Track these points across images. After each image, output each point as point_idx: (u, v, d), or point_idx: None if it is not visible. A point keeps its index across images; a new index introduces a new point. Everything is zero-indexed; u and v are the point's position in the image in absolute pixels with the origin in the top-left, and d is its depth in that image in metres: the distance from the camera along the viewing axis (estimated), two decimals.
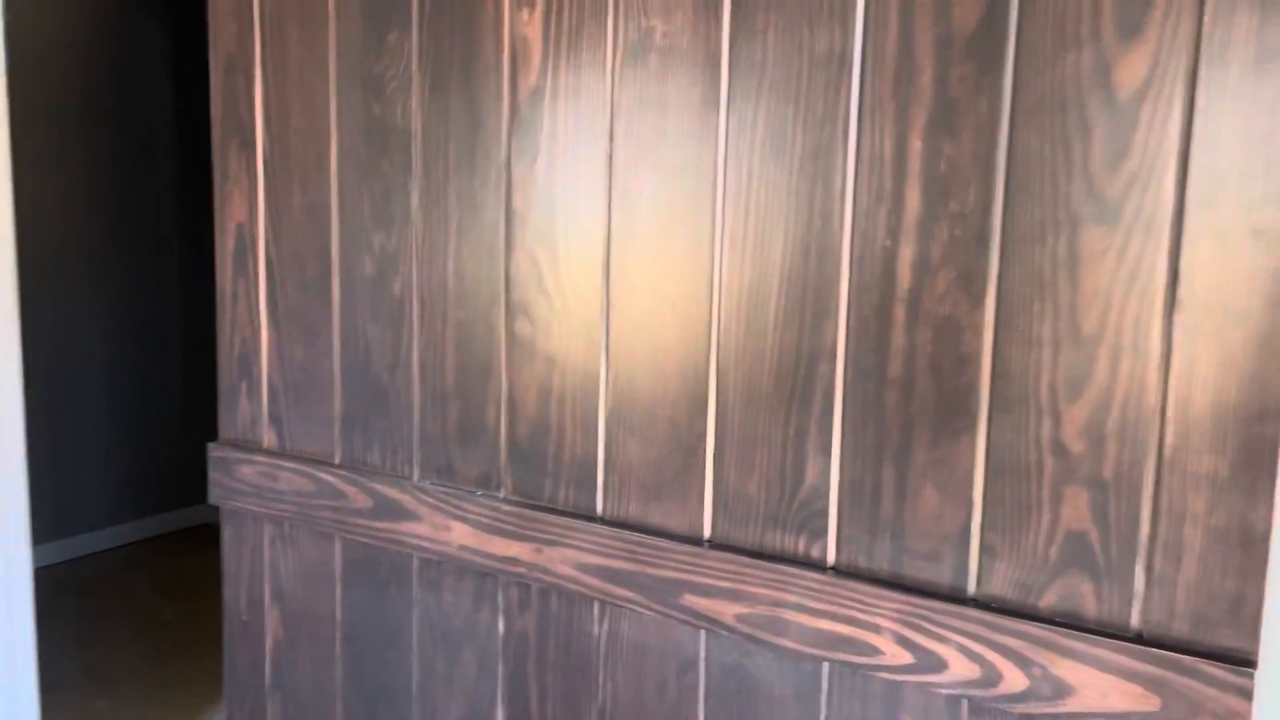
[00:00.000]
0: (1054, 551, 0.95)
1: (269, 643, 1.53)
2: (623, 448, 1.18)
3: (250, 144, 1.44)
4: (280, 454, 1.46)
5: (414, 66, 1.27)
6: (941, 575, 1.01)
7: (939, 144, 0.96)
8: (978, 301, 0.96)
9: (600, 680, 1.23)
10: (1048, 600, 0.96)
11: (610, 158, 1.15)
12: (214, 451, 1.52)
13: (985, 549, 0.98)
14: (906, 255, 0.99)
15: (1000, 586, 0.98)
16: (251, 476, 1.48)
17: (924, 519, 1.01)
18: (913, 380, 1.00)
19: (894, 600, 1.02)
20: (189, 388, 4.19)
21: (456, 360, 1.29)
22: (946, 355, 0.98)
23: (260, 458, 1.47)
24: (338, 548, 1.43)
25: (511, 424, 1.26)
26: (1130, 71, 0.87)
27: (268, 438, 1.48)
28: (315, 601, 1.47)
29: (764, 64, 1.04)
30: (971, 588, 0.99)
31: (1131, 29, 0.87)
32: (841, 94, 1.01)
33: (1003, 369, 0.95)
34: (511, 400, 1.26)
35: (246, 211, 1.46)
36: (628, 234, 1.15)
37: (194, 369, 4.18)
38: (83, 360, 3.99)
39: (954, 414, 0.98)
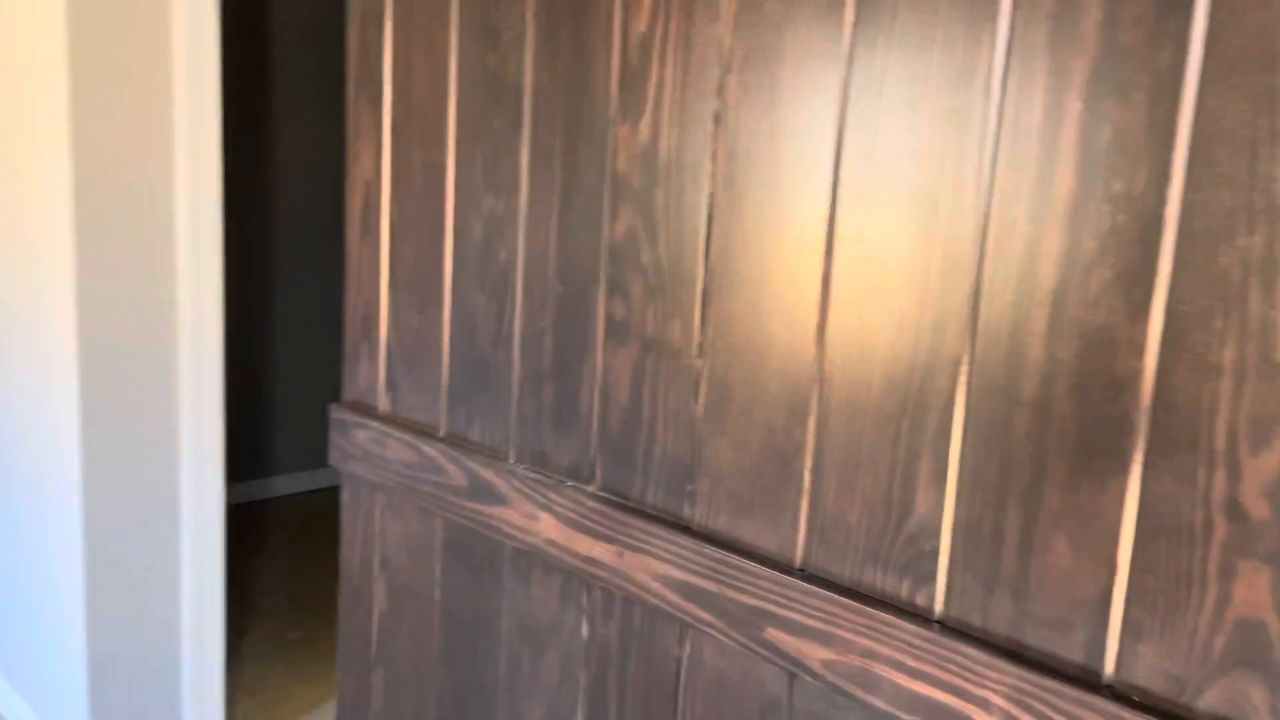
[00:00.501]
0: (1219, 641, 0.73)
1: (376, 612, 1.49)
2: (714, 450, 1.03)
3: (379, 99, 1.39)
4: (391, 421, 1.41)
5: (528, 15, 1.16)
6: (1071, 651, 0.80)
7: (1103, 106, 0.75)
8: (1140, 310, 0.74)
9: (679, 708, 1.10)
10: (1207, 701, 0.74)
11: (718, 116, 1.00)
12: (334, 413, 1.49)
13: (1129, 626, 0.77)
14: (1052, 246, 0.78)
15: (1145, 676, 0.76)
16: (364, 441, 1.44)
17: (1054, 578, 0.81)
18: (1051, 404, 0.80)
19: (1009, 673, 0.82)
20: None
21: (555, 338, 1.18)
22: (1096, 376, 0.77)
23: (374, 423, 1.42)
24: (438, 525, 1.37)
25: (604, 412, 1.14)
26: None
27: (382, 403, 1.44)
28: (417, 577, 1.41)
29: (895, 9, 0.86)
30: (1108, 671, 0.79)
31: None
32: (984, 42, 0.81)
33: (1168, 400, 0.73)
34: (605, 386, 1.13)
35: (373, 170, 1.41)
36: (731, 205, 0.99)
37: None
38: (286, 321, 4.21)
39: (1100, 451, 0.77)
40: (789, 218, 0.95)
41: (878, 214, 0.89)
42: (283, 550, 3.74)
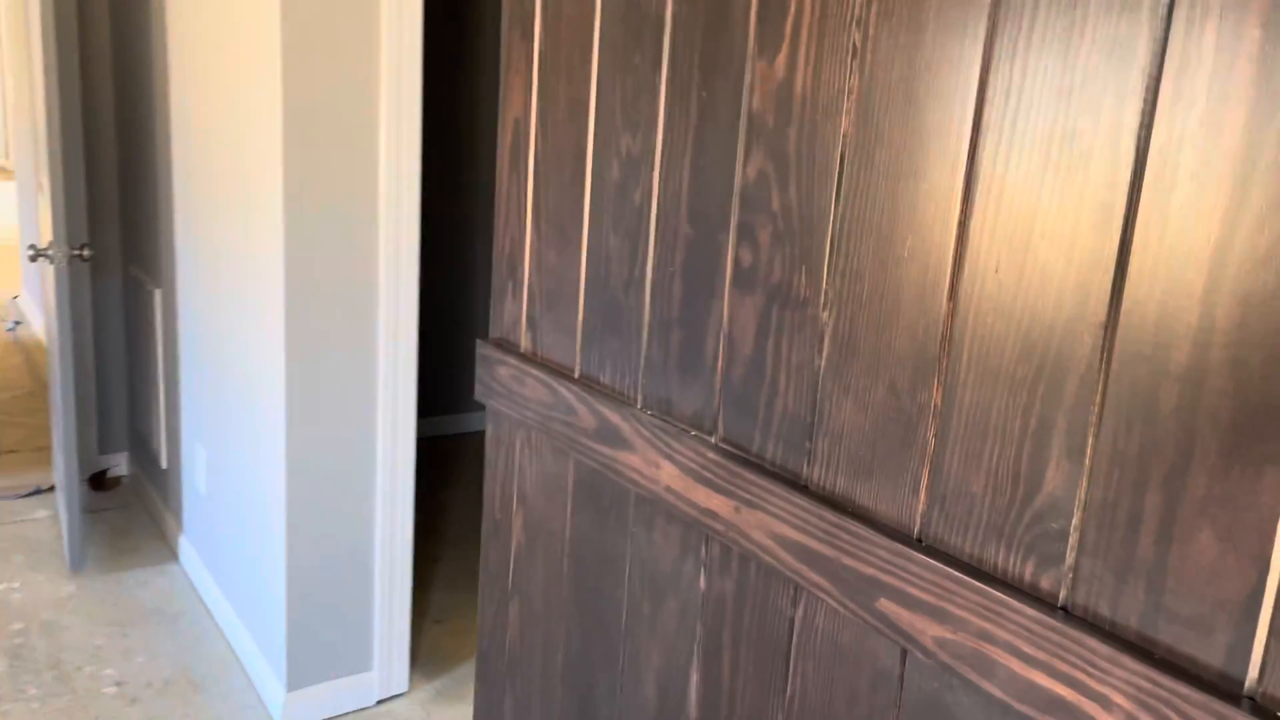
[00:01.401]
0: None
1: (513, 545, 1.52)
2: (836, 408, 0.98)
3: (530, 34, 1.37)
4: (531, 359, 1.42)
5: None
6: (1210, 654, 0.71)
7: None
8: None
9: (791, 670, 1.06)
10: None
11: (857, 51, 0.92)
12: (481, 349, 1.52)
13: (1278, 633, 0.68)
14: (1218, 197, 0.68)
15: None
16: (506, 378, 1.46)
17: (1196, 572, 0.72)
18: (1205, 377, 0.70)
19: (1136, 671, 0.74)
20: None
21: (683, 283, 1.15)
22: (1260, 348, 0.67)
23: (514, 360, 1.44)
24: (570, 465, 1.37)
25: (729, 361, 1.10)
26: None
27: (524, 341, 1.45)
28: (550, 515, 1.43)
29: None
30: (1250, 681, 0.69)
31: None
32: None
33: None
34: (730, 335, 1.09)
35: (522, 106, 1.40)
36: (865, 146, 0.92)
37: None
38: (478, 263, 4.33)
39: (1260, 434, 0.67)
40: (926, 160, 0.87)
41: (1023, 158, 0.80)
42: (474, 483, 3.89)
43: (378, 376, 2.30)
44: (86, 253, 2.87)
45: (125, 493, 3.54)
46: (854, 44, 0.93)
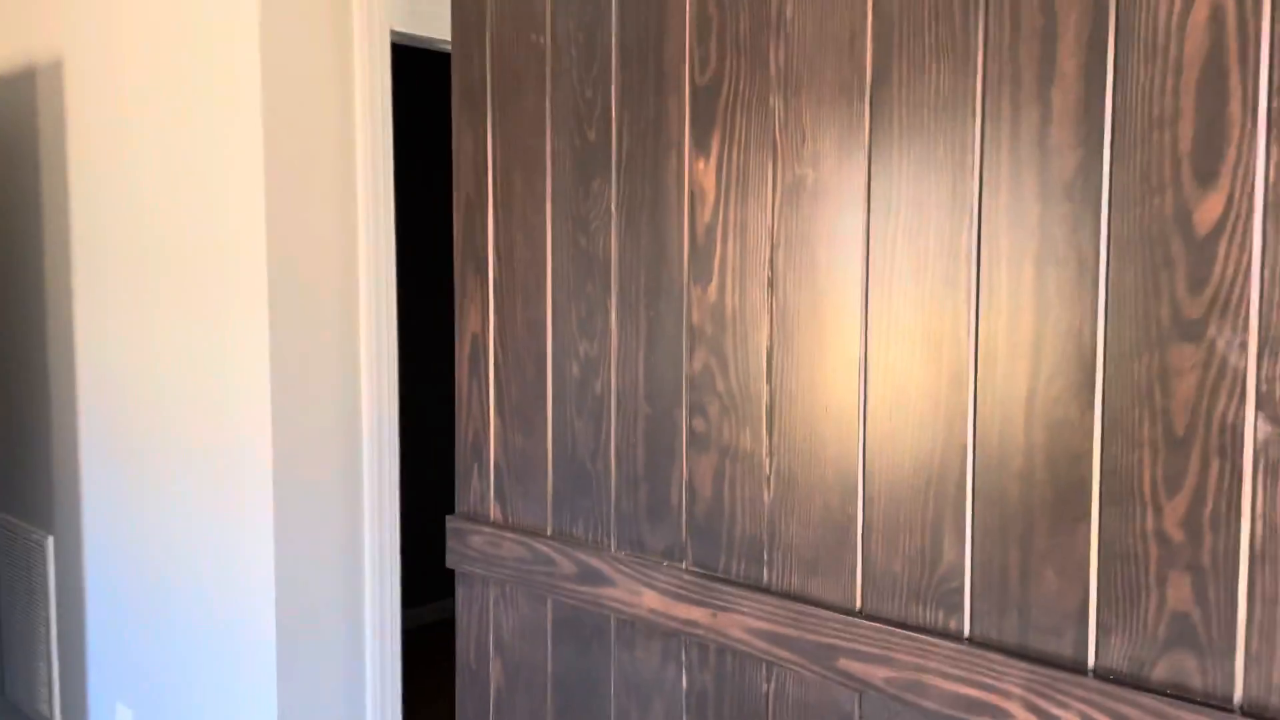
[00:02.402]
0: (1162, 630, 1.07)
1: (492, 689, 1.79)
2: (785, 527, 1.37)
3: (483, 269, 1.75)
4: (503, 525, 1.73)
5: (612, 207, 1.54)
6: (1063, 648, 1.14)
7: (1046, 272, 1.12)
8: (1087, 406, 1.10)
9: None
10: (1158, 674, 1.07)
11: (770, 282, 1.37)
12: (451, 523, 1.82)
13: (1101, 626, 1.11)
14: (1023, 367, 1.15)
15: (1115, 660, 1.10)
16: (479, 544, 1.76)
17: (1046, 597, 1.15)
18: (1033, 473, 1.15)
19: (1022, 669, 1.15)
20: None
21: (645, 449, 1.53)
22: (1063, 453, 1.12)
23: (487, 529, 1.75)
24: (549, 607, 1.68)
25: (691, 504, 1.48)
26: (1207, 209, 1.01)
27: (493, 511, 1.77)
28: (530, 654, 1.72)
29: (898, 209, 1.24)
30: (1090, 660, 1.12)
31: (1204, 175, 1.01)
32: (963, 228, 1.19)
33: (1110, 466, 1.09)
34: (691, 484, 1.48)
35: (480, 324, 1.77)
36: (785, 345, 1.36)
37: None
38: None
39: (1070, 506, 1.12)
40: (831, 353, 1.31)
41: (898, 349, 1.25)
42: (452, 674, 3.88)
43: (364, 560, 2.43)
44: None
45: None
46: (768, 277, 1.37)
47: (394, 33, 2.22)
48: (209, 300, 2.27)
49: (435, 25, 2.26)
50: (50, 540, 2.93)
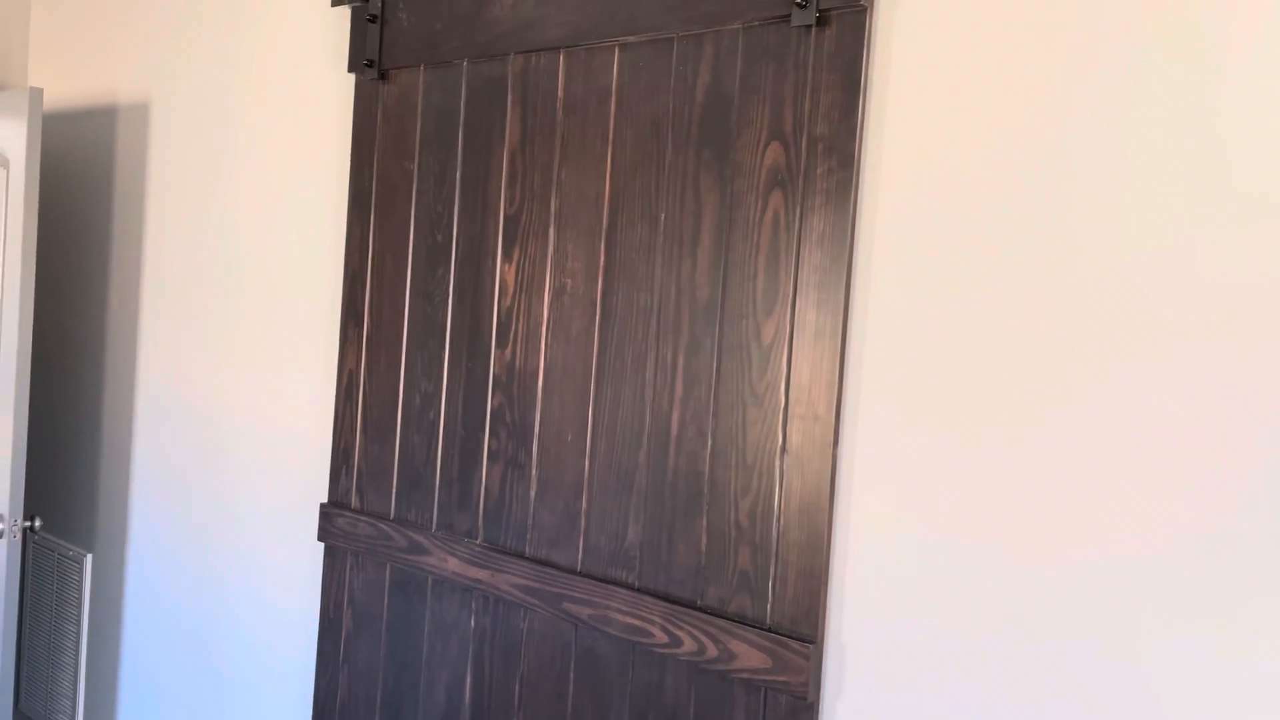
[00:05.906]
0: (735, 580, 1.76)
1: (344, 633, 2.42)
2: (539, 515, 2.05)
3: (360, 323, 2.41)
4: (360, 511, 2.38)
5: (449, 289, 2.22)
6: (685, 592, 1.82)
7: (692, 359, 1.83)
8: (705, 441, 1.80)
9: (522, 657, 2.07)
10: (732, 607, 1.76)
11: (547, 348, 2.06)
12: (323, 509, 2.45)
13: (708, 579, 1.80)
14: (675, 418, 1.85)
15: (714, 600, 1.79)
16: (342, 525, 2.40)
17: (679, 561, 1.83)
18: (677, 484, 1.84)
19: (663, 606, 1.83)
20: None
21: (459, 460, 2.19)
22: (690, 470, 1.82)
23: (348, 514, 2.39)
24: (387, 571, 2.33)
25: (486, 499, 2.15)
26: (768, 331, 1.73)
27: (354, 501, 2.41)
28: (372, 605, 2.36)
29: (615, 309, 1.94)
30: (699, 600, 1.81)
31: (767, 310, 1.73)
32: (652, 326, 1.89)
33: (714, 478, 1.79)
34: (486, 485, 2.14)
35: (356, 362, 2.42)
36: (550, 394, 2.04)
37: None
38: None
39: (694, 504, 1.82)
40: (574, 401, 2.00)
41: (615, 404, 1.94)
42: None
43: None
44: (38, 523, 2.67)
45: None
46: (544, 344, 2.06)
47: None
48: (285, 341, 2.59)
49: None
50: (89, 558, 2.95)
